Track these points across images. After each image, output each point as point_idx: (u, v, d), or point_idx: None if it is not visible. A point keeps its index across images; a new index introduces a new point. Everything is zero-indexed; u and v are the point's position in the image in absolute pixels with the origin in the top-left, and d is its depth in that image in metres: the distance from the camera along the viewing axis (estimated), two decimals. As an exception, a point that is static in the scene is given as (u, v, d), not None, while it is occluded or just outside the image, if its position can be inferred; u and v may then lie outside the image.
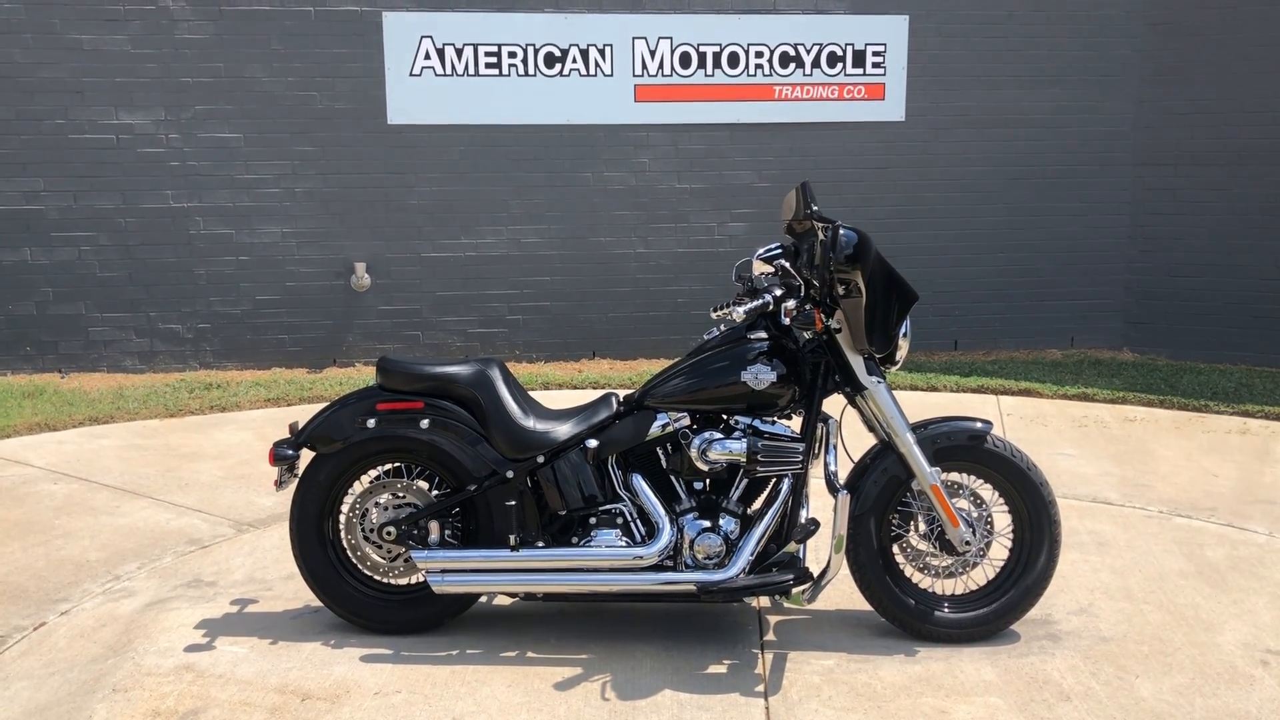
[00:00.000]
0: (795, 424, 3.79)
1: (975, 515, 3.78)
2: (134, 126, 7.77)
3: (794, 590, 3.61)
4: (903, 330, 3.66)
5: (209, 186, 7.88)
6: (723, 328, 3.84)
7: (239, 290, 7.99)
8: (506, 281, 8.19)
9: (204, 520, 5.06)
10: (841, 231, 3.43)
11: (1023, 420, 6.61)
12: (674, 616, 3.99)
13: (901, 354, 3.71)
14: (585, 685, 3.50)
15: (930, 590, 3.85)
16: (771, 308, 3.52)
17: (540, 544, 3.72)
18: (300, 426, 3.85)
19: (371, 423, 3.75)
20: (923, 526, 3.81)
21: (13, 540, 4.79)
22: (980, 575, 3.86)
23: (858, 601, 3.88)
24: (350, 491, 3.89)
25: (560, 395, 7.07)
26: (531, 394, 3.99)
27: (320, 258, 8.03)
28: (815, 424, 3.73)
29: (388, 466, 3.87)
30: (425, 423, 3.74)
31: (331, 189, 7.99)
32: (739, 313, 3.42)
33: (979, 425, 3.77)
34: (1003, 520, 3.85)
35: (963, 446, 3.75)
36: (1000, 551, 3.86)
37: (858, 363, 3.65)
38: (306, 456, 3.84)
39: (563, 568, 3.68)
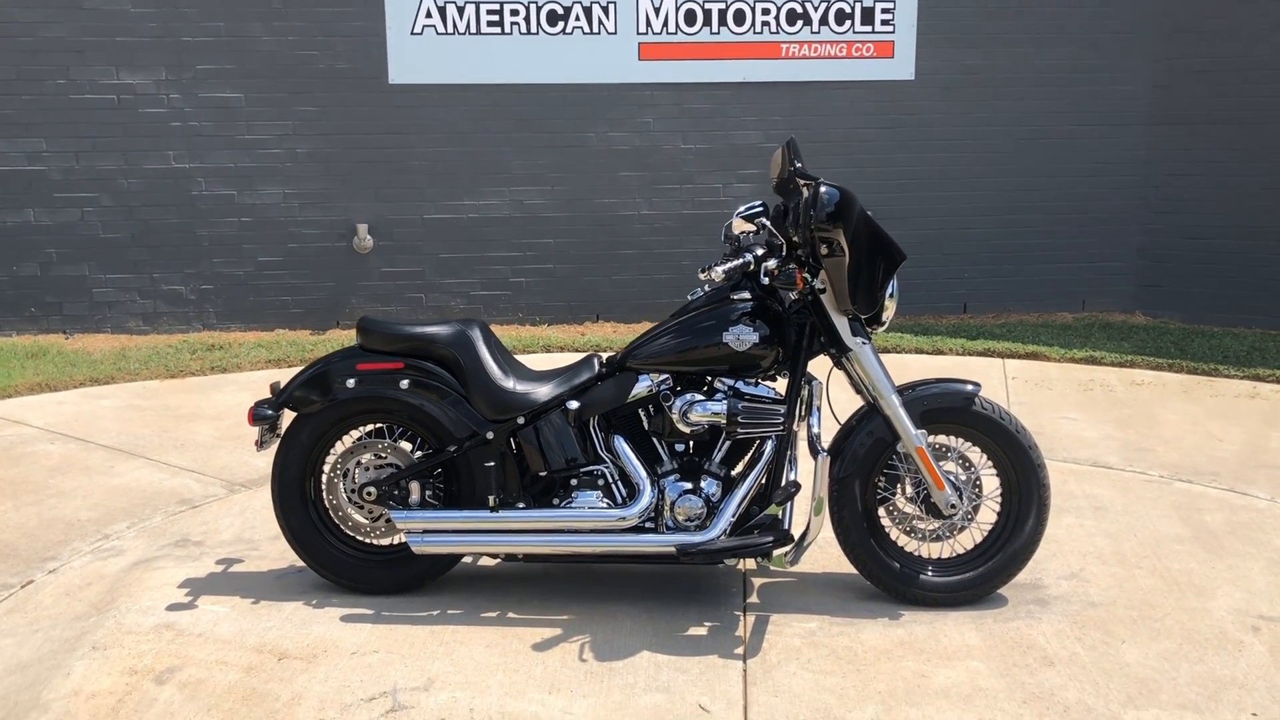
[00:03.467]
0: (781, 386, 3.74)
1: (963, 479, 3.72)
2: (135, 86, 7.73)
3: (775, 553, 3.58)
4: (889, 291, 3.59)
5: (210, 147, 7.85)
6: (707, 288, 3.78)
7: (241, 252, 7.97)
8: (509, 244, 8.13)
9: (197, 480, 5.06)
10: (823, 189, 3.35)
11: (1027, 384, 6.52)
12: (658, 578, 3.97)
13: (888, 315, 3.64)
14: (564, 646, 3.48)
15: (916, 554, 3.80)
16: (753, 267, 3.45)
17: (521, 505, 3.69)
18: (281, 386, 3.83)
19: (352, 383, 3.72)
20: (909, 490, 3.76)
21: (6, 499, 4.80)
22: (968, 539, 3.81)
23: (844, 565, 3.84)
24: (332, 452, 3.87)
25: (562, 359, 6.98)
26: (533, 357, 3.96)
27: (322, 219, 8.00)
28: (799, 386, 3.68)
29: (370, 427, 3.84)
30: (405, 383, 3.71)
31: (333, 149, 7.94)
32: (719, 273, 3.37)
33: (968, 387, 3.71)
34: (991, 484, 3.79)
35: (951, 409, 3.69)
36: (988, 515, 3.81)
37: (842, 324, 3.59)
38: (289, 417, 3.82)
39: (543, 529, 3.65)
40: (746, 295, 3.63)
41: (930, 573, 3.74)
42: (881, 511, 3.78)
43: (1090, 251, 8.39)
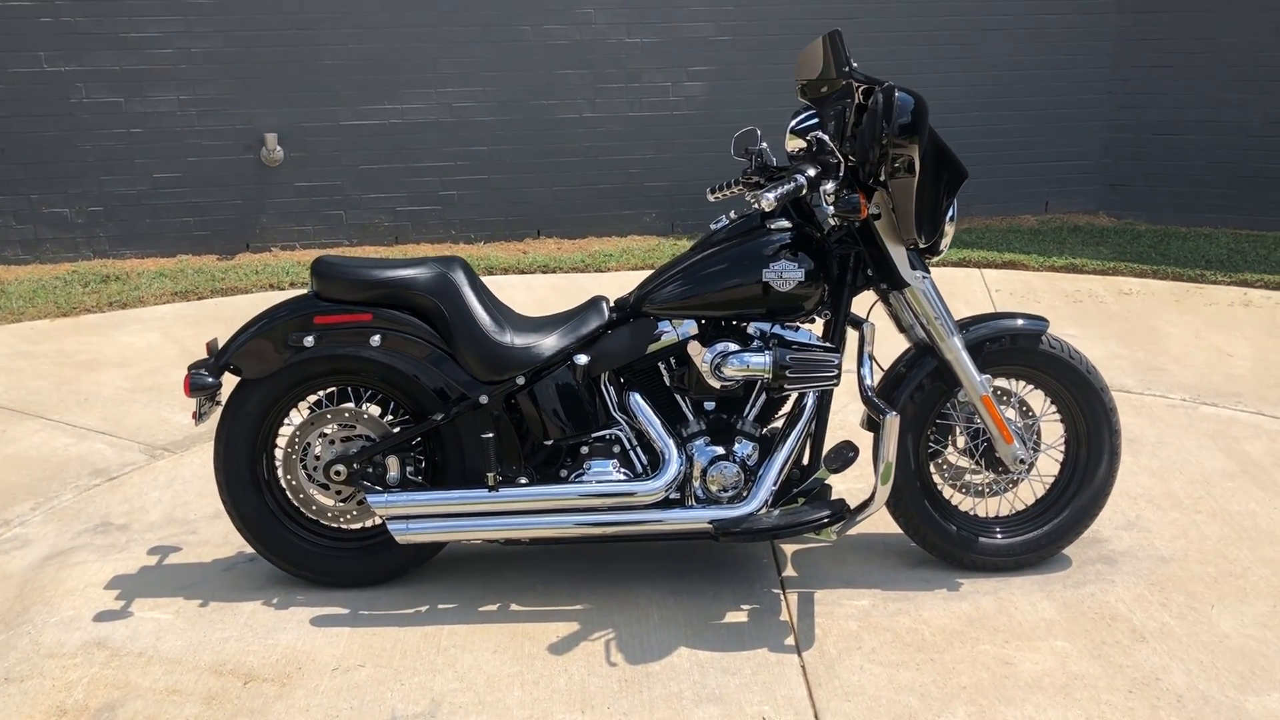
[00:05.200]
0: (817, 328, 3.21)
1: (1020, 426, 3.27)
2: (-7, -24, 6.65)
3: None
4: (950, 213, 3.07)
5: (89, 47, 6.83)
6: (732, 215, 3.20)
7: (134, 167, 7.03)
8: (438, 152, 7.35)
9: (109, 444, 4.34)
10: (897, 94, 2.77)
11: (1012, 296, 6.12)
12: (674, 549, 3.46)
13: (946, 243, 3.12)
14: (586, 646, 2.95)
15: (973, 513, 3.36)
16: (805, 192, 2.86)
17: (523, 480, 3.12)
18: (221, 346, 3.15)
19: (309, 340, 3.07)
20: (961, 441, 3.31)
21: (-123, 479, 4.04)
22: (1025, 492, 3.38)
23: (879, 523, 3.38)
24: (287, 422, 3.24)
25: (506, 281, 6.38)
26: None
27: (225, 128, 7.09)
28: (843, 328, 3.15)
29: (331, 389, 3.20)
30: (376, 339, 3.07)
31: (233, 48, 7.00)
32: (769, 200, 2.75)
33: (1034, 324, 3.23)
34: (1050, 430, 3.35)
35: (1016, 349, 3.21)
36: (1048, 465, 3.37)
37: (900, 255, 3.05)
38: (230, 381, 3.15)
39: (552, 508, 3.08)
40: (785, 223, 3.05)
41: (989, 534, 3.31)
42: (931, 467, 3.32)
43: (1054, 150, 7.97)
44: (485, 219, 7.48)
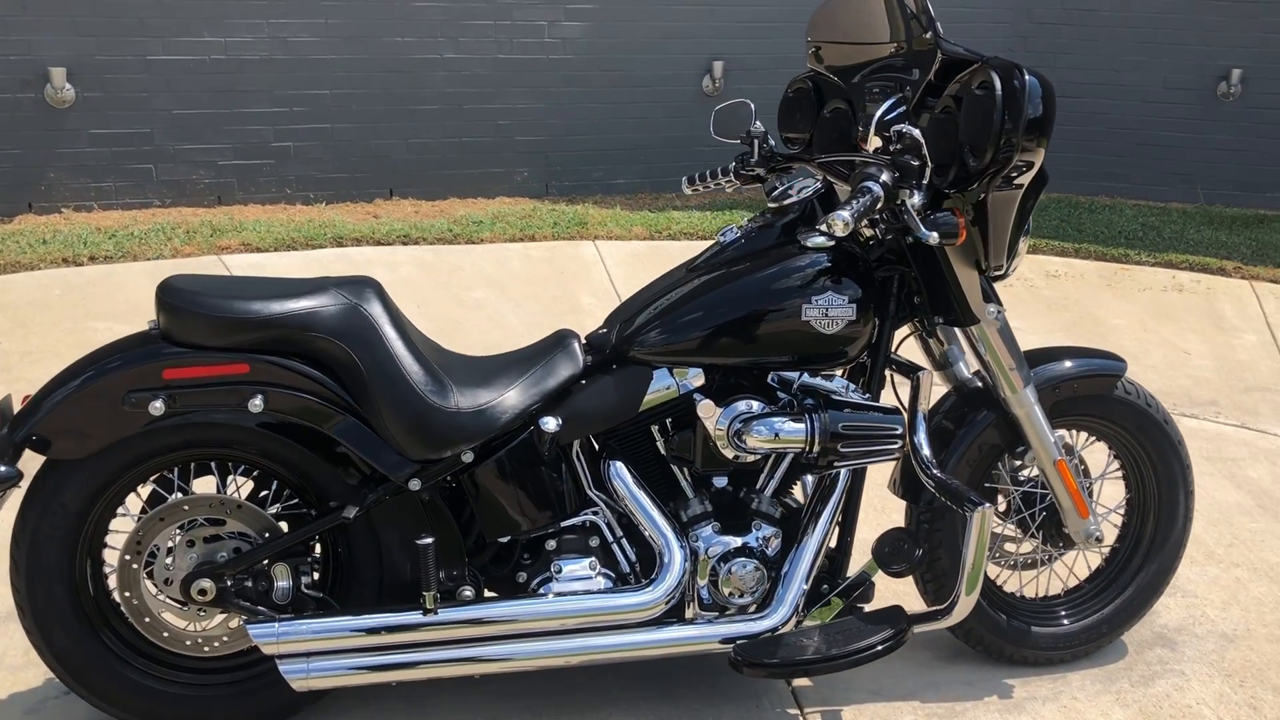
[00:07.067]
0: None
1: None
2: None
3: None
4: (1026, 227, 2.38)
5: None
6: (745, 223, 2.41)
7: (-126, 105, 5.61)
8: (270, 96, 6.18)
9: None
10: (1027, 78, 2.03)
11: (939, 279, 5.56)
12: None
13: (1017, 264, 2.42)
14: (564, 822, 2.16)
15: (1019, 595, 2.73)
16: (883, 205, 2.06)
17: (466, 590, 2.26)
18: (20, 408, 2.15)
19: (158, 404, 2.10)
20: (1003, 504, 2.68)
21: None
22: (1073, 566, 2.78)
23: (891, 599, 2.70)
24: (122, 510, 2.27)
25: (360, 254, 5.35)
26: (320, 252, 2.44)
27: (-4, 59, 5.74)
28: (882, 374, 2.43)
29: (188, 463, 2.26)
30: (258, 402, 2.13)
31: (5, -42, 5.64)
32: (845, 220, 1.94)
33: (1107, 365, 2.61)
34: (1108, 489, 2.76)
35: (1084, 397, 2.58)
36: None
37: (972, 283, 2.33)
38: (33, 459, 2.16)
39: (509, 634, 2.25)
40: (823, 239, 2.27)
41: (1044, 622, 2.70)
42: (972, 540, 2.66)
43: (951, 110, 7.45)
44: (327, 175, 6.37)
